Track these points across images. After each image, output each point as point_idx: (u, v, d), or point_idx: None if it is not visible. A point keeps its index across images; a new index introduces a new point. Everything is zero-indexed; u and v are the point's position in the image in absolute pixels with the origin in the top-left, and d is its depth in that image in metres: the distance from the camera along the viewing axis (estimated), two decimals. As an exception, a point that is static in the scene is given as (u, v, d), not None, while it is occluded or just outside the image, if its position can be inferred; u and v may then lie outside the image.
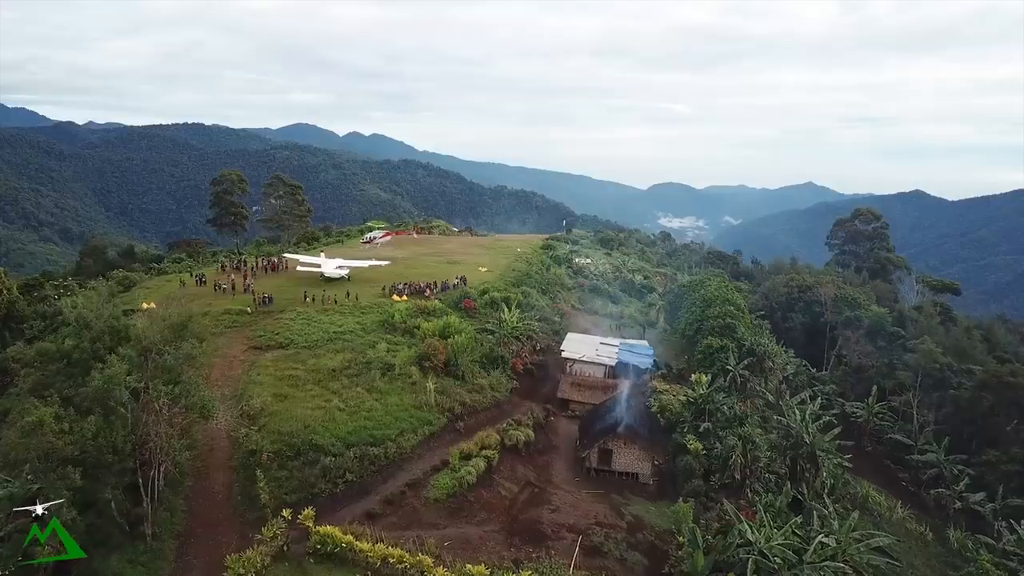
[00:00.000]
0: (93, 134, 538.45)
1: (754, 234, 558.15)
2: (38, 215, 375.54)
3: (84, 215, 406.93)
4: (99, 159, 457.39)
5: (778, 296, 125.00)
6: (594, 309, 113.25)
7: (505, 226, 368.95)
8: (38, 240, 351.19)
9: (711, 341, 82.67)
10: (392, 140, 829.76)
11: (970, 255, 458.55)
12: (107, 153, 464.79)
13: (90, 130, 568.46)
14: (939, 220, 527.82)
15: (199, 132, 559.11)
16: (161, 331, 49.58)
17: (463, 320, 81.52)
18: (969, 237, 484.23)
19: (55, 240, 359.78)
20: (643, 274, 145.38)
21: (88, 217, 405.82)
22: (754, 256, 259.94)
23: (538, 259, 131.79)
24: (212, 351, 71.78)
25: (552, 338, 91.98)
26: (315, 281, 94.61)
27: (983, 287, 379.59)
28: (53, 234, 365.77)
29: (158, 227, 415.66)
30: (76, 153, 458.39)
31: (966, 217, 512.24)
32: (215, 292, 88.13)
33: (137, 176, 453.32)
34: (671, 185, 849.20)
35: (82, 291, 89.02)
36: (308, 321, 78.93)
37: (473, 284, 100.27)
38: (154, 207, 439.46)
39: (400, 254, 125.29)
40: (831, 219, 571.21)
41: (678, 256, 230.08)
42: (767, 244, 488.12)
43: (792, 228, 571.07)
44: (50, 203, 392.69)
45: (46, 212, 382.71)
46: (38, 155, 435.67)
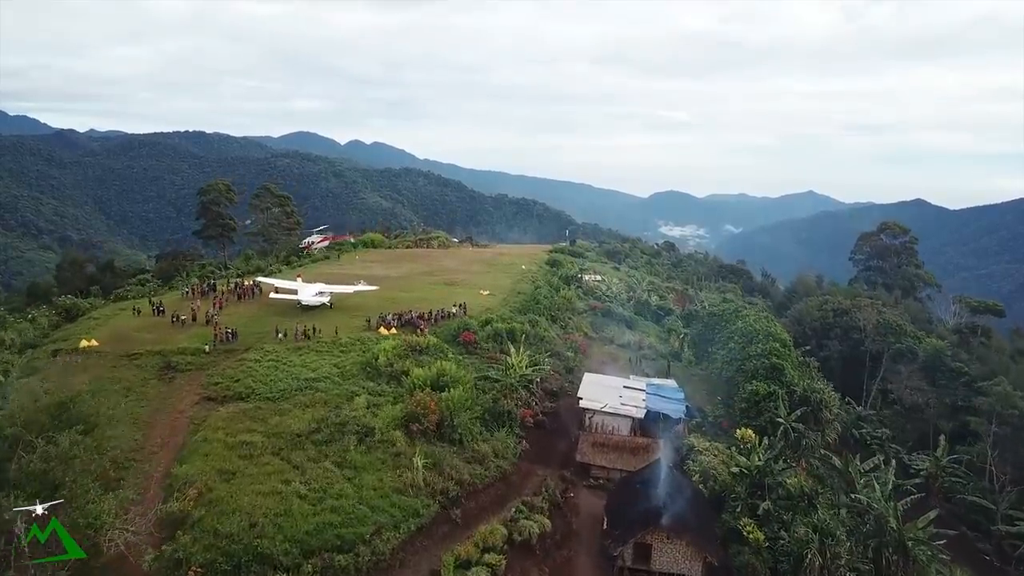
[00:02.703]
0: (94, 142, 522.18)
1: (755, 243, 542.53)
2: (37, 223, 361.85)
3: (84, 223, 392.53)
4: (100, 167, 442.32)
5: (812, 320, 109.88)
6: (609, 337, 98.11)
7: (506, 235, 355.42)
8: (37, 248, 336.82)
9: (757, 387, 67.58)
10: (393, 148, 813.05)
11: (971, 264, 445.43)
12: (108, 161, 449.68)
13: (91, 138, 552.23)
14: (940, 229, 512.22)
15: (200, 140, 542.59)
16: (33, 415, 34.44)
17: (461, 364, 66.38)
18: (970, 246, 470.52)
19: (55, 248, 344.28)
20: (658, 293, 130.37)
21: (88, 225, 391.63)
22: (764, 268, 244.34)
23: (545, 279, 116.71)
24: (156, 405, 57.30)
25: (565, 378, 76.92)
26: (292, 310, 79.61)
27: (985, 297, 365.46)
28: (52, 242, 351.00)
29: (158, 235, 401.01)
30: (77, 161, 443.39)
31: (967, 226, 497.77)
32: (172, 324, 73.05)
33: (138, 184, 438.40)
34: (672, 193, 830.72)
35: (17, 323, 74.03)
36: (276, 363, 63.93)
37: (474, 311, 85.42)
38: (154, 215, 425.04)
39: (393, 273, 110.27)
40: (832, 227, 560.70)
41: (684, 267, 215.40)
42: (769, 253, 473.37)
43: (793, 237, 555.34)
44: (50, 211, 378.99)
45: (46, 220, 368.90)
46: (38, 163, 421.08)
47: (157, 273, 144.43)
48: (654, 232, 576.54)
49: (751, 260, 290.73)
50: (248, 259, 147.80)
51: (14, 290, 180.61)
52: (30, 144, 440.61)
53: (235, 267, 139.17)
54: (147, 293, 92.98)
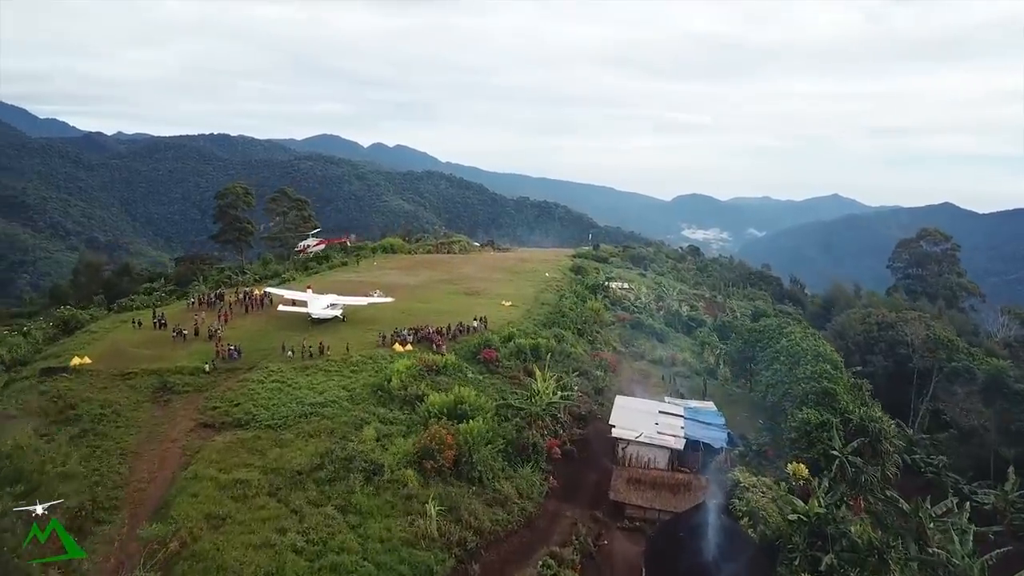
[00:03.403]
0: (121, 144, 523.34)
1: (779, 246, 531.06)
2: (66, 224, 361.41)
3: (111, 224, 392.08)
4: (126, 169, 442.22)
5: (855, 335, 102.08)
6: (640, 352, 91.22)
7: (527, 238, 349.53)
8: (65, 249, 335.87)
9: (809, 415, 60.32)
10: (415, 151, 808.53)
11: (1001, 269, 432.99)
12: (134, 163, 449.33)
13: (118, 140, 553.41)
14: (971, 233, 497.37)
15: (224, 142, 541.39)
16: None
17: (481, 388, 60.12)
18: (1000, 251, 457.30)
19: (82, 249, 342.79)
20: (688, 303, 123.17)
21: (115, 227, 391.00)
22: (793, 274, 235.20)
23: (570, 287, 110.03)
24: (147, 432, 51.59)
25: (594, 399, 70.18)
26: (301, 323, 73.70)
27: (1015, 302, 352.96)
28: (80, 243, 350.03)
29: (183, 236, 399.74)
30: (104, 163, 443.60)
31: (998, 230, 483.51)
32: (173, 339, 67.39)
33: (163, 186, 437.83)
34: (695, 196, 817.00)
35: (10, 336, 68.77)
36: (280, 385, 58.04)
37: (496, 324, 79.03)
38: (179, 217, 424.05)
39: (411, 281, 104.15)
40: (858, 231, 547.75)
41: (710, 273, 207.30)
42: (793, 257, 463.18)
43: (818, 240, 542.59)
44: (78, 212, 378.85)
45: (73, 221, 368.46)
46: (67, 165, 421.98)
47: (175, 277, 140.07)
48: (677, 235, 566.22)
49: (775, 264, 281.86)
50: (266, 263, 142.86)
51: (42, 291, 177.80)
52: (59, 147, 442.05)
53: (252, 271, 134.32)
54: (152, 303, 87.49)
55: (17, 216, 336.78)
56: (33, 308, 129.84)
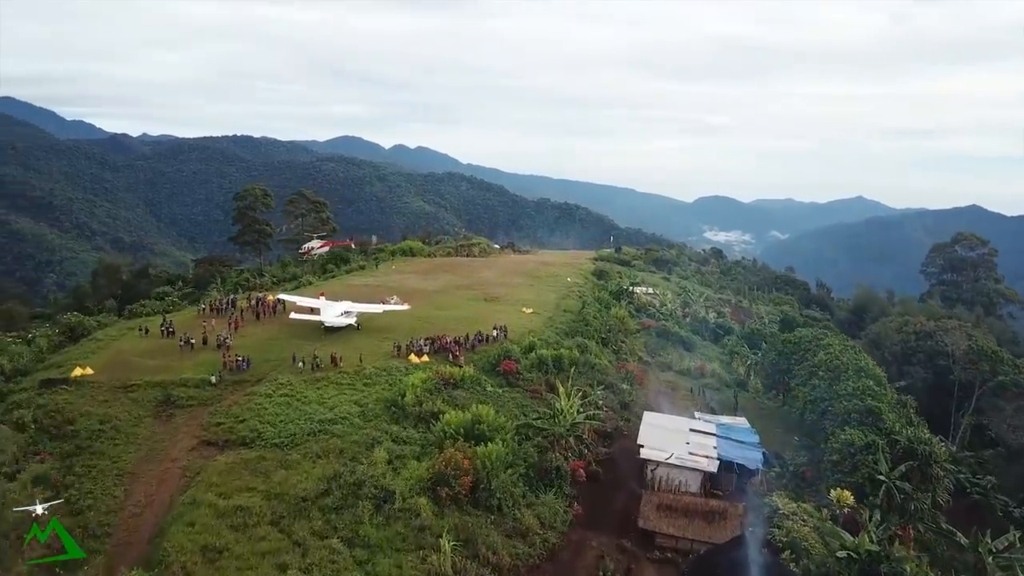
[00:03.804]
0: (146, 146, 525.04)
1: (803, 249, 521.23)
2: (91, 225, 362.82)
3: (136, 225, 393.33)
4: (150, 170, 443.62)
5: (891, 344, 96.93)
6: (666, 362, 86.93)
7: (548, 239, 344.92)
8: (90, 249, 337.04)
9: (852, 436, 55.76)
10: (437, 153, 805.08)
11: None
12: (158, 164, 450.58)
13: (143, 142, 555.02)
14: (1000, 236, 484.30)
15: (248, 144, 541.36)
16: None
17: (501, 404, 56.34)
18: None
19: (107, 249, 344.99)
20: (715, 309, 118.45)
21: (139, 227, 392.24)
22: (820, 279, 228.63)
23: (592, 293, 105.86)
24: (147, 450, 48.42)
25: (620, 414, 66.09)
26: (314, 332, 70.25)
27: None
28: (105, 243, 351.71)
29: (206, 237, 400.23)
30: (129, 164, 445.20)
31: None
32: (180, 349, 64.23)
33: (187, 187, 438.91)
34: (717, 198, 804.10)
35: (13, 344, 65.97)
36: (289, 399, 54.59)
37: (516, 333, 75.09)
38: (203, 218, 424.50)
39: (429, 286, 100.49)
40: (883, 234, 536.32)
41: (734, 276, 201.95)
42: (817, 259, 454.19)
43: (842, 243, 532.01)
44: (103, 213, 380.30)
45: (99, 222, 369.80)
46: (93, 166, 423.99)
47: (193, 279, 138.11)
48: (699, 237, 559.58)
49: (798, 266, 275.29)
50: (284, 266, 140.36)
51: (67, 290, 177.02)
52: (85, 148, 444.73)
53: (270, 274, 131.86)
54: (163, 309, 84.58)
55: (44, 216, 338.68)
56: (55, 309, 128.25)
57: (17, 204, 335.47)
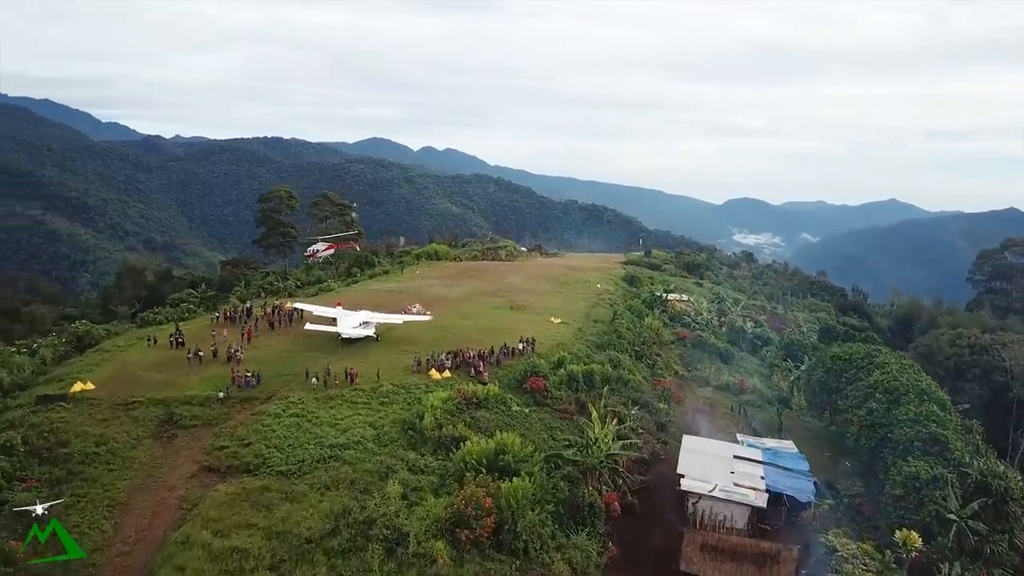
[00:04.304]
0: (178, 147, 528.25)
1: (834, 252, 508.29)
2: (124, 225, 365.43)
3: (168, 225, 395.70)
4: (182, 171, 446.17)
5: (943, 358, 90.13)
6: (704, 376, 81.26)
7: (575, 241, 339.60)
8: (123, 249, 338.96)
9: (916, 468, 49.86)
10: (464, 154, 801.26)
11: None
12: (190, 166, 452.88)
13: (176, 143, 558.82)
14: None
15: (278, 145, 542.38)
16: None
17: (526, 427, 51.37)
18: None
19: (139, 249, 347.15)
20: (751, 317, 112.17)
21: (171, 228, 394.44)
22: (855, 283, 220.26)
23: (624, 301, 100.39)
24: (143, 477, 44.19)
25: (656, 436, 60.83)
26: (330, 344, 65.80)
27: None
28: (138, 243, 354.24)
29: (236, 238, 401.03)
30: (162, 165, 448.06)
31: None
32: (188, 361, 60.15)
33: (218, 188, 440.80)
34: (746, 200, 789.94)
35: (17, 355, 62.44)
36: (299, 419, 50.06)
37: (544, 345, 70.06)
38: (232, 219, 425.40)
39: (453, 293, 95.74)
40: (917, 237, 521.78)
41: (766, 280, 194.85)
42: (849, 263, 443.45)
43: (875, 246, 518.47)
44: (136, 214, 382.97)
45: (132, 223, 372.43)
46: (126, 167, 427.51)
47: (218, 282, 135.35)
48: (728, 240, 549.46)
49: (830, 270, 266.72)
50: (309, 269, 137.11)
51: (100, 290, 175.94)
52: (119, 150, 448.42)
53: (295, 277, 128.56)
54: (178, 316, 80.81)
55: (79, 217, 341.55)
56: (84, 310, 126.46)
57: (53, 204, 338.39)
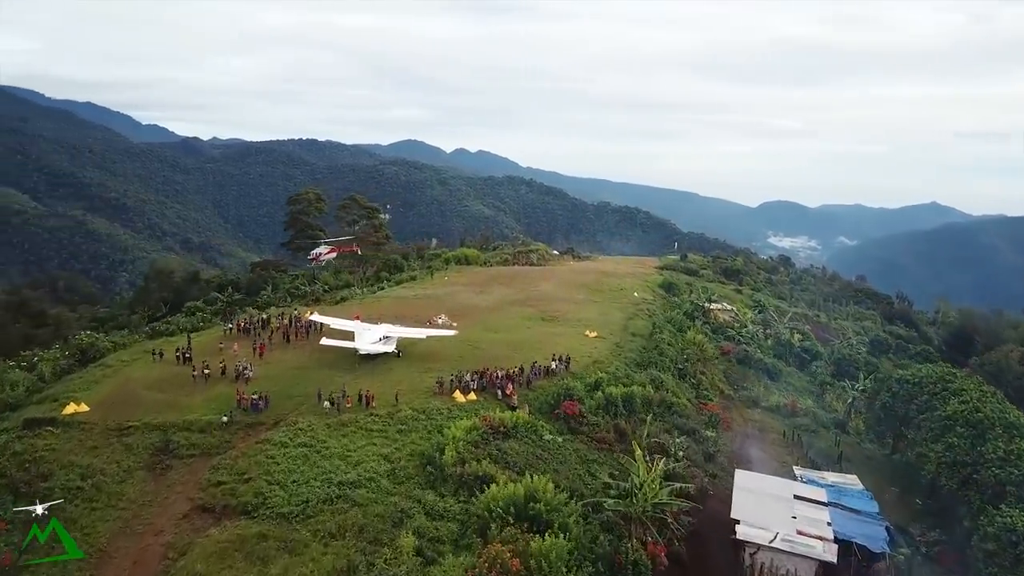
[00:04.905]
0: (215, 149, 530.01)
1: (872, 256, 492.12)
2: (162, 225, 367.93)
3: (204, 226, 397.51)
4: (219, 173, 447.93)
5: (1012, 378, 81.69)
6: (752, 397, 74.18)
7: (608, 244, 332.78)
8: (161, 250, 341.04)
9: (1012, 519, 42.51)
10: (497, 156, 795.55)
11: None
12: (226, 167, 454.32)
13: (213, 145, 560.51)
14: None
15: (313, 147, 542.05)
16: None
17: (561, 465, 45.10)
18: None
19: (177, 250, 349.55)
20: (798, 329, 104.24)
21: (208, 228, 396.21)
22: (899, 290, 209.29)
23: (663, 312, 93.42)
24: (129, 518, 38.97)
25: (705, 469, 54.08)
26: (348, 358, 60.21)
27: None
28: (175, 244, 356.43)
29: (271, 239, 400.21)
30: (199, 167, 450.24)
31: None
32: (193, 379, 54.93)
33: (254, 189, 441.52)
34: (781, 203, 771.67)
35: (15, 370, 57.79)
36: (307, 450, 44.40)
37: (580, 363, 63.65)
38: (268, 220, 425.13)
39: (481, 302, 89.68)
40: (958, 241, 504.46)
41: (805, 286, 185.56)
42: (888, 268, 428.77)
43: (914, 251, 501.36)
44: (173, 214, 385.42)
45: (169, 223, 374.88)
46: (165, 169, 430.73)
47: (246, 284, 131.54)
48: (762, 243, 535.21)
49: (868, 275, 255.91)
50: (337, 273, 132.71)
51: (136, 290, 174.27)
52: (158, 151, 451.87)
53: (323, 281, 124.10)
54: (193, 325, 75.94)
55: (118, 217, 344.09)
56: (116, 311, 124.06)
57: (94, 205, 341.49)
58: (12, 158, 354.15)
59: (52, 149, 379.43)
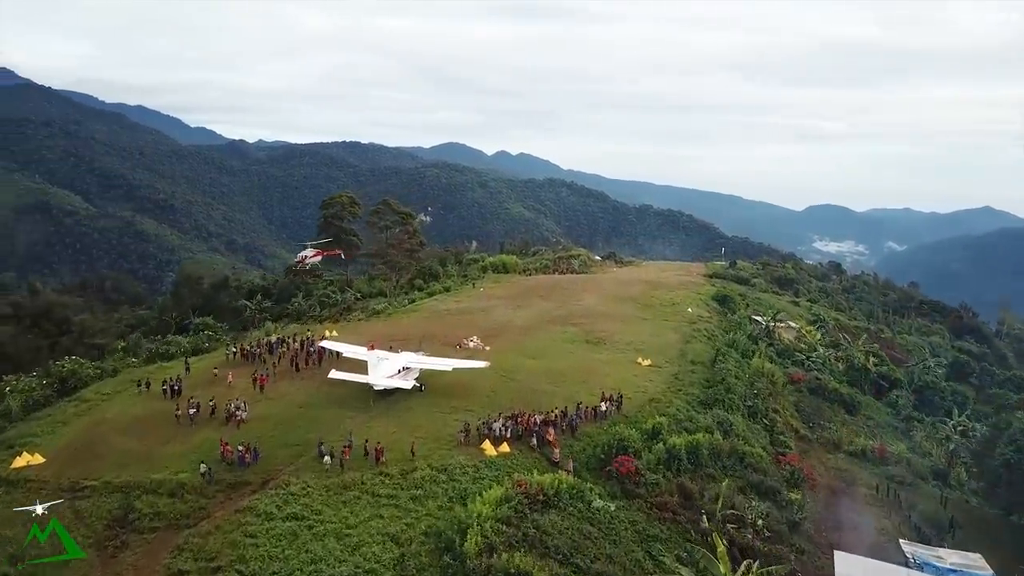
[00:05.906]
0: (261, 151, 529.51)
1: (921, 261, 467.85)
2: (208, 227, 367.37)
3: (248, 227, 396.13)
4: (264, 175, 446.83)
5: None
6: (832, 439, 62.17)
7: (650, 247, 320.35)
8: (207, 250, 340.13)
9: None
10: (538, 159, 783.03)
11: None
12: (271, 169, 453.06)
13: (258, 147, 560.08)
14: None
15: (356, 150, 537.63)
16: None
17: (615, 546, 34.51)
18: None
19: (221, 251, 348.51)
20: (873, 351, 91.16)
21: (252, 229, 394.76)
22: (962, 301, 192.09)
23: (722, 332, 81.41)
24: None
25: (789, 543, 42.72)
26: (362, 394, 50.34)
27: None
28: (220, 245, 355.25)
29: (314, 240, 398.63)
30: (244, 169, 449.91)
31: None
32: (176, 421, 45.59)
33: (297, 191, 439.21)
34: (828, 207, 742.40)
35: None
36: (296, 526, 34.58)
37: (632, 399, 52.87)
38: (311, 221, 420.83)
39: (519, 319, 79.13)
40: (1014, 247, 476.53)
41: (859, 295, 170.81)
42: (939, 273, 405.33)
43: (966, 256, 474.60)
44: (219, 216, 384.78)
45: (215, 224, 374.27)
46: (212, 171, 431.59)
47: (277, 291, 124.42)
48: (808, 247, 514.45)
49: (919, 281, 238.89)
50: (371, 280, 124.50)
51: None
52: (206, 154, 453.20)
53: (355, 288, 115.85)
54: (194, 347, 67.03)
55: (166, 218, 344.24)
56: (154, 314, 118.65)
57: (143, 206, 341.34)
58: (67, 160, 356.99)
59: (104, 151, 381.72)
